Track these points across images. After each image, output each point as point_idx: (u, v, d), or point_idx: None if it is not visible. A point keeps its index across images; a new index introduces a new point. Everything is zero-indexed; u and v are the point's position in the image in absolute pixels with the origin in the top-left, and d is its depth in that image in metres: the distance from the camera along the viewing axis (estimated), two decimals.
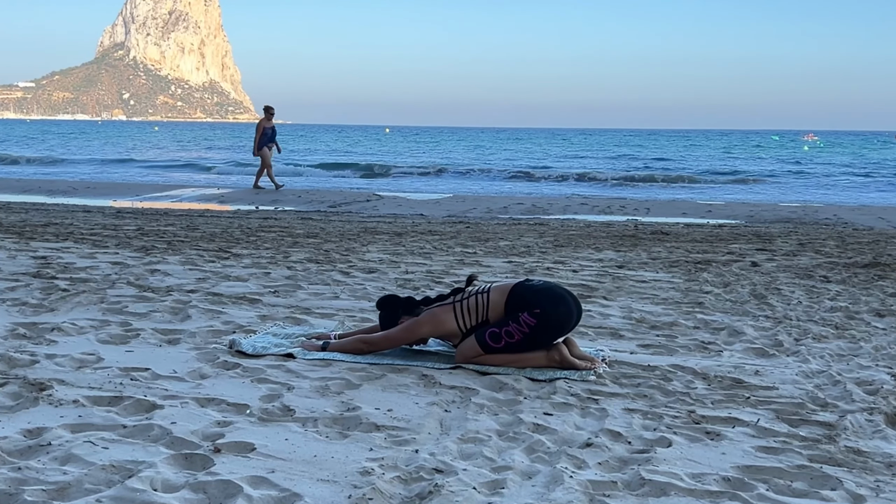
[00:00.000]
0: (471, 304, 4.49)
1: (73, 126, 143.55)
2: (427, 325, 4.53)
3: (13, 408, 3.51)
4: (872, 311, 6.21)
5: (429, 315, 4.56)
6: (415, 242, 9.89)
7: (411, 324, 4.55)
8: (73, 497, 2.66)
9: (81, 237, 9.53)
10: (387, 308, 4.72)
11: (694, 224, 13.58)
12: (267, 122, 19.75)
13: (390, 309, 4.71)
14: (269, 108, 19.93)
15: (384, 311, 4.72)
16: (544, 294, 4.42)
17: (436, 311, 4.55)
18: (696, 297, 6.67)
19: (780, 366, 4.62)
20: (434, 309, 4.58)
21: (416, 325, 4.54)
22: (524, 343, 4.35)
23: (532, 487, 2.89)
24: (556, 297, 4.43)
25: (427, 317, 4.55)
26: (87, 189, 20.26)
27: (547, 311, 4.35)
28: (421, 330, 4.54)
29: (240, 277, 6.99)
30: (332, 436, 3.34)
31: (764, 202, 19.84)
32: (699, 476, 3.02)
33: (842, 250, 9.88)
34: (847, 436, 3.48)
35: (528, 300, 4.40)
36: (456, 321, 4.50)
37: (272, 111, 19.88)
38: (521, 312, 4.37)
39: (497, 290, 4.49)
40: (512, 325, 4.36)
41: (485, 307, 4.47)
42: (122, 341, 4.75)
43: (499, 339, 4.35)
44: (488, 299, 4.48)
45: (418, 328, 4.54)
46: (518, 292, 4.44)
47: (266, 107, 19.90)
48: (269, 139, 19.79)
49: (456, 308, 4.52)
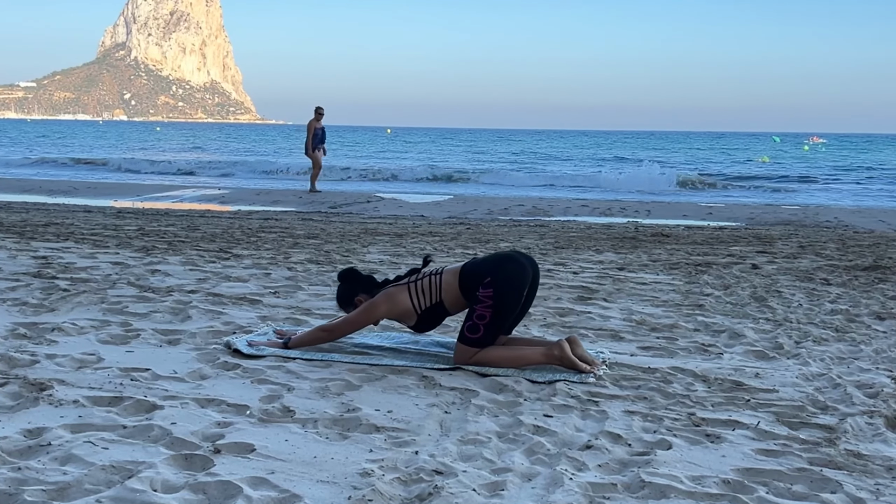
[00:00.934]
0: (424, 285, 4.52)
1: (81, 126, 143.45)
2: (383, 306, 4.54)
3: (13, 408, 3.51)
4: (873, 314, 6.21)
5: (384, 295, 4.57)
6: (415, 244, 9.89)
7: (368, 305, 4.56)
8: (73, 497, 2.66)
9: (82, 237, 9.53)
10: (347, 282, 4.74)
11: (694, 226, 13.58)
12: (317, 122, 19.33)
13: (350, 283, 4.73)
14: (320, 108, 19.39)
15: (343, 285, 4.74)
16: (489, 262, 4.46)
17: (391, 291, 4.57)
18: (696, 299, 6.66)
19: (780, 368, 4.62)
20: (390, 289, 4.60)
21: (373, 306, 4.55)
22: (496, 317, 4.34)
23: (532, 489, 2.89)
24: (501, 260, 4.46)
25: (382, 297, 4.56)
26: (87, 189, 20.26)
27: (497, 276, 4.37)
28: (377, 311, 4.55)
29: (240, 278, 6.99)
30: (332, 437, 3.34)
31: (764, 204, 19.84)
32: (699, 478, 3.02)
33: (842, 253, 9.88)
34: (847, 439, 3.48)
35: (478, 273, 4.42)
36: (410, 301, 4.52)
37: (322, 112, 19.37)
38: (477, 291, 4.39)
39: (450, 272, 4.52)
40: (477, 308, 4.37)
41: (438, 288, 4.50)
42: (123, 341, 4.75)
43: (475, 328, 4.36)
44: (441, 280, 4.51)
45: (374, 309, 4.55)
46: (468, 270, 4.48)
47: (317, 108, 19.40)
48: (320, 140, 19.44)
49: (410, 288, 4.54)
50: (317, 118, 19.34)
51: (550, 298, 6.50)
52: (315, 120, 19.34)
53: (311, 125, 19.36)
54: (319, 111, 19.37)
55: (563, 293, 6.76)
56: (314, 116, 19.36)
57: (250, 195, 19.21)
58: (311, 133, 19.31)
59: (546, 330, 5.41)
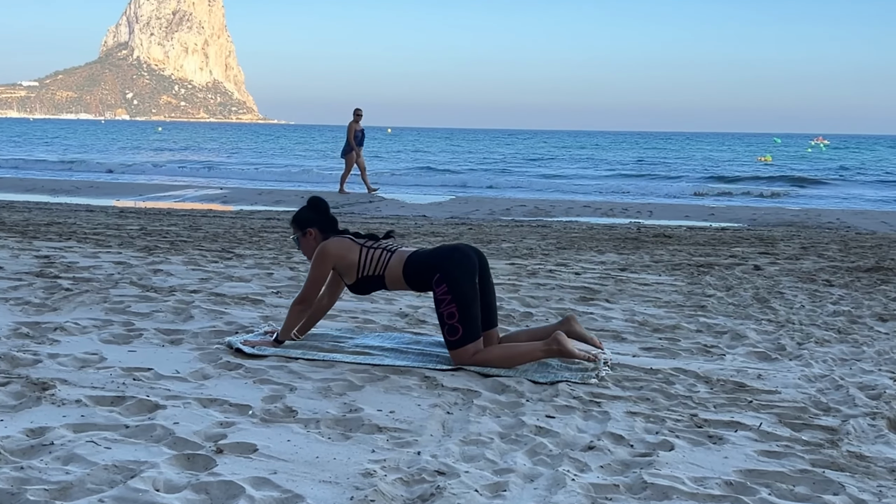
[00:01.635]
0: (375, 256, 4.57)
1: (86, 125, 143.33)
2: (334, 254, 4.57)
3: (16, 407, 3.51)
4: (875, 316, 6.20)
5: (338, 244, 4.60)
6: (417, 244, 9.89)
7: (319, 252, 4.59)
8: (75, 497, 2.67)
9: (84, 237, 9.53)
10: (314, 209, 4.77)
11: (696, 227, 13.57)
12: (356, 124, 19.01)
13: (315, 212, 4.76)
14: (359, 110, 19.08)
15: (309, 209, 4.77)
16: (435, 255, 4.47)
17: (346, 244, 4.61)
18: (698, 300, 6.66)
19: (782, 370, 4.62)
20: (345, 241, 4.63)
21: (324, 253, 4.58)
22: (463, 309, 4.35)
23: (534, 490, 2.89)
24: (446, 252, 4.48)
25: (336, 245, 4.60)
26: (90, 188, 20.27)
27: (445, 269, 4.39)
28: (328, 259, 4.57)
29: (242, 278, 7.00)
30: (335, 437, 3.34)
31: (766, 206, 19.83)
32: (701, 480, 3.02)
33: (845, 254, 9.87)
34: (849, 440, 3.48)
35: (425, 266, 4.45)
36: (358, 262, 4.57)
37: (361, 113, 19.05)
38: (429, 289, 4.44)
39: (398, 256, 4.56)
40: (442, 310, 4.39)
41: (384, 265, 4.54)
42: (125, 341, 4.75)
43: (453, 329, 4.37)
44: (389, 260, 4.55)
45: (326, 257, 4.58)
46: (413, 260, 4.50)
47: (356, 109, 19.09)
48: (359, 142, 19.16)
49: (363, 251, 4.59)
50: (356, 120, 19.02)
51: (553, 299, 6.50)
52: (354, 122, 19.02)
53: (352, 127, 19.03)
54: (358, 113, 19.05)
55: (565, 294, 6.76)
56: (353, 118, 19.04)
57: (252, 195, 19.21)
58: (352, 135, 19.00)
59: None
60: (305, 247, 4.79)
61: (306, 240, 4.76)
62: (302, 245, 4.80)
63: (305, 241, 4.77)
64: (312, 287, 4.64)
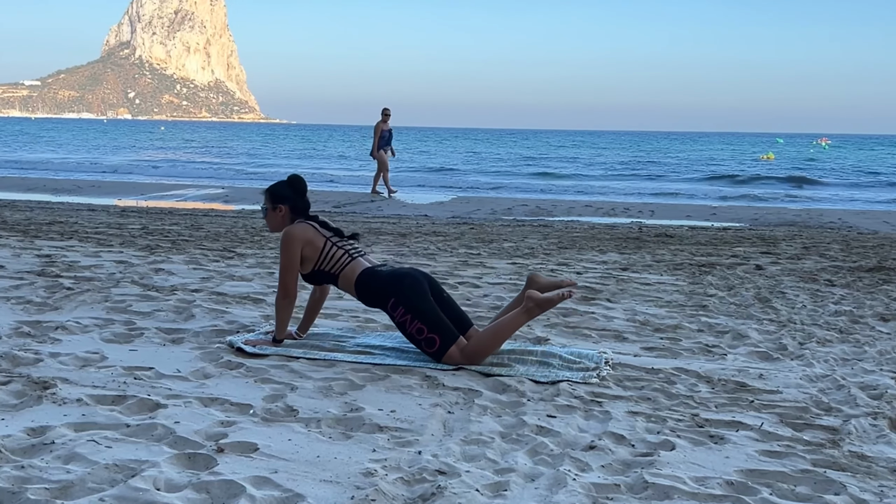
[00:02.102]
0: (336, 255, 4.61)
1: (88, 125, 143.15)
2: (300, 239, 4.59)
3: (17, 406, 3.51)
4: (877, 316, 6.20)
5: (305, 230, 4.62)
6: (419, 243, 9.89)
7: (286, 238, 4.62)
8: (76, 496, 2.66)
9: (86, 236, 9.54)
10: (291, 187, 4.76)
11: (698, 227, 13.57)
12: (384, 124, 18.91)
13: (292, 189, 4.76)
14: (387, 109, 19.00)
15: (286, 185, 4.78)
16: (387, 281, 4.50)
17: (313, 234, 4.62)
18: (700, 300, 6.66)
19: (784, 370, 4.61)
20: (310, 227, 4.65)
21: (291, 238, 4.60)
22: (430, 322, 4.39)
23: (535, 490, 2.89)
24: (395, 279, 4.50)
25: (302, 231, 4.62)
26: (91, 188, 20.29)
27: (399, 295, 4.44)
28: (295, 243, 4.59)
29: (244, 277, 7.00)
30: (336, 436, 3.34)
31: (768, 206, 19.82)
32: (702, 480, 3.01)
33: (846, 254, 9.87)
34: (851, 440, 3.47)
35: (378, 290, 4.49)
36: (319, 254, 4.59)
37: (389, 113, 18.96)
38: (379, 307, 4.51)
39: (355, 265, 4.59)
40: (408, 329, 4.43)
41: (341, 267, 4.58)
42: (126, 340, 4.75)
43: (430, 341, 4.41)
44: (346, 265, 4.59)
45: (293, 242, 4.60)
46: (365, 279, 4.54)
47: (384, 109, 19.01)
48: (387, 142, 19.05)
49: (326, 245, 4.61)
50: (384, 120, 18.91)
51: None
52: (382, 122, 18.90)
53: (379, 127, 18.91)
54: (387, 112, 18.96)
55: None
56: (381, 118, 18.94)
57: (253, 194, 19.21)
58: (379, 135, 18.88)
59: (549, 330, 5.40)
60: (271, 221, 4.79)
61: (274, 214, 4.76)
62: (268, 218, 4.80)
63: (273, 216, 4.77)
64: (287, 275, 4.64)
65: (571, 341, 5.14)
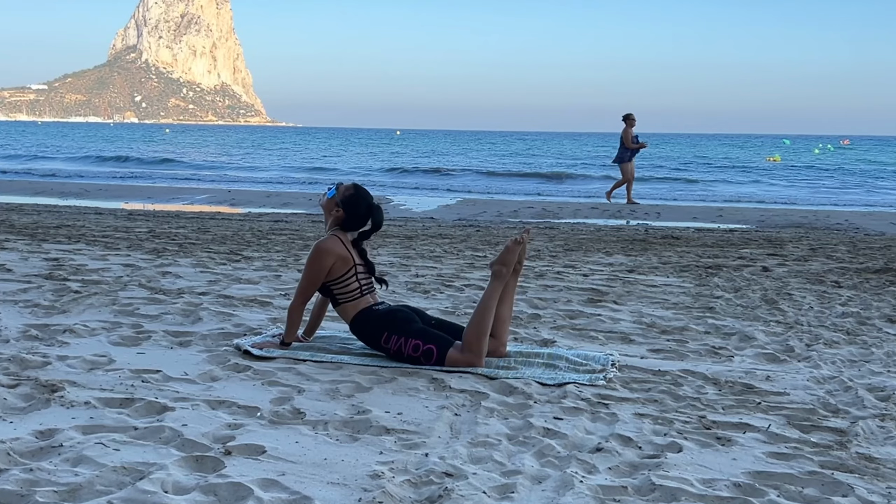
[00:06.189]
0: (351, 286, 4.63)
1: (95, 128, 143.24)
2: (332, 255, 4.60)
3: (25, 409, 3.53)
4: (884, 317, 6.18)
5: (338, 247, 4.61)
6: (425, 246, 9.90)
7: (318, 252, 4.60)
8: (84, 498, 2.67)
9: (93, 239, 9.56)
10: (362, 199, 4.72)
11: (704, 228, 13.55)
12: (630, 130, 17.55)
13: (363, 201, 4.71)
14: (631, 115, 17.66)
15: (364, 193, 4.76)
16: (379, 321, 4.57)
17: (344, 252, 4.61)
18: (706, 301, 6.65)
19: (791, 371, 4.61)
20: (344, 248, 4.63)
21: (324, 251, 4.60)
22: (421, 337, 4.45)
23: (542, 492, 2.89)
24: (388, 316, 4.57)
25: (335, 247, 4.61)
26: (98, 191, 20.34)
27: (389, 326, 4.52)
28: (326, 258, 4.59)
29: (251, 280, 7.01)
30: (343, 439, 3.34)
31: (774, 207, 19.79)
32: (710, 482, 3.01)
33: (853, 255, 9.85)
34: (858, 442, 3.47)
35: (371, 329, 4.58)
36: (337, 276, 4.60)
37: (634, 119, 17.63)
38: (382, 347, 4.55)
39: (358, 302, 4.64)
40: (406, 352, 4.47)
41: (347, 298, 4.62)
42: (134, 343, 4.76)
43: (429, 353, 4.44)
44: (355, 298, 4.62)
45: (325, 255, 4.59)
46: (363, 317, 4.62)
47: (628, 115, 17.66)
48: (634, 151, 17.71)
49: (349, 272, 4.62)
50: (629, 126, 17.59)
51: (560, 301, 6.50)
52: (629, 127, 17.57)
53: (628, 134, 17.57)
54: (632, 118, 17.63)
55: (572, 295, 6.76)
56: (627, 125, 17.60)
57: (260, 197, 19.25)
58: (630, 141, 17.55)
59: (556, 332, 5.40)
60: (326, 206, 4.76)
61: (331, 205, 4.72)
62: (327, 202, 4.75)
63: (330, 205, 4.73)
64: (309, 287, 4.66)
65: (578, 343, 5.14)
